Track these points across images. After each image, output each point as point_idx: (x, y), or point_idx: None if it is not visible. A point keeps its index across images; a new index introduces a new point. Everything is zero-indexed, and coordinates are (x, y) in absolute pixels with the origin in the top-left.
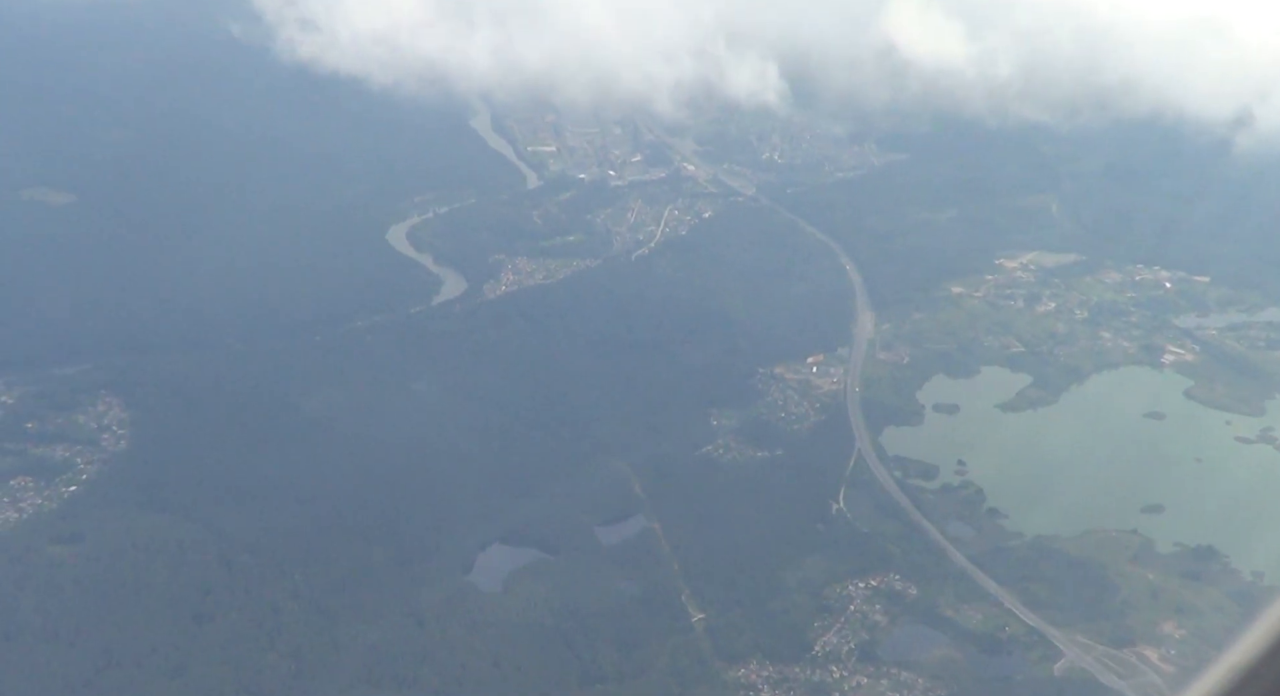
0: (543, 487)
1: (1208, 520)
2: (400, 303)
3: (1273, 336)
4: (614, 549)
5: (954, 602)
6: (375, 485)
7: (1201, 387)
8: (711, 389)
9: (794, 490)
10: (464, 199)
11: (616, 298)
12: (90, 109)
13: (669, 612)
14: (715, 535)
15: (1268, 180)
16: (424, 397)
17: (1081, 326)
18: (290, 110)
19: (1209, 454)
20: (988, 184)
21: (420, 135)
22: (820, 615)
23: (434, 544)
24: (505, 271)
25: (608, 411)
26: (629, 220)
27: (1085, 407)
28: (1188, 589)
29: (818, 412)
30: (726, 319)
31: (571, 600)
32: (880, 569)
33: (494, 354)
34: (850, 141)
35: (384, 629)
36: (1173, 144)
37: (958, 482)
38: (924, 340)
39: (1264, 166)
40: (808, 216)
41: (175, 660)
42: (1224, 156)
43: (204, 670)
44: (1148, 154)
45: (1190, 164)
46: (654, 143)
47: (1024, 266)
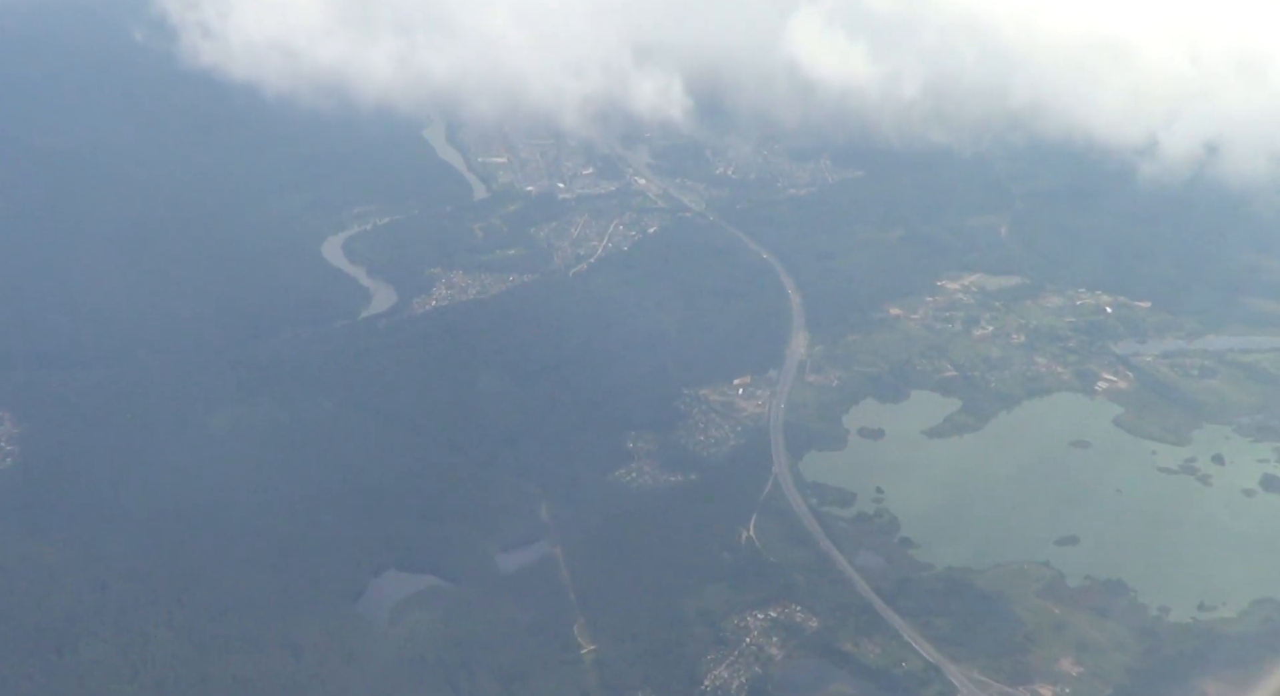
0: (446, 511)
1: (1120, 553)
2: (325, 317)
3: (1207, 364)
4: (512, 576)
5: (854, 636)
6: (270, 509)
7: (1131, 416)
8: (632, 411)
9: (704, 517)
10: (406, 210)
11: (547, 315)
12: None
13: (559, 643)
14: (618, 563)
15: (1214, 207)
16: (333, 416)
17: (1017, 351)
18: (221, 121)
19: (1130, 484)
20: (940, 203)
21: (366, 145)
22: (715, 647)
23: (324, 570)
24: (438, 285)
25: (523, 433)
26: (572, 234)
27: (1012, 435)
28: (1092, 624)
29: (738, 436)
30: (657, 338)
31: (459, 630)
32: (782, 599)
33: (412, 371)
34: (805, 158)
35: (257, 660)
36: (1113, 167)
37: (873, 511)
38: (856, 363)
39: (1209, 193)
40: (754, 233)
41: (26, 693)
42: (1166, 180)
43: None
44: (1093, 176)
45: (1132, 187)
46: (608, 155)
47: (965, 288)
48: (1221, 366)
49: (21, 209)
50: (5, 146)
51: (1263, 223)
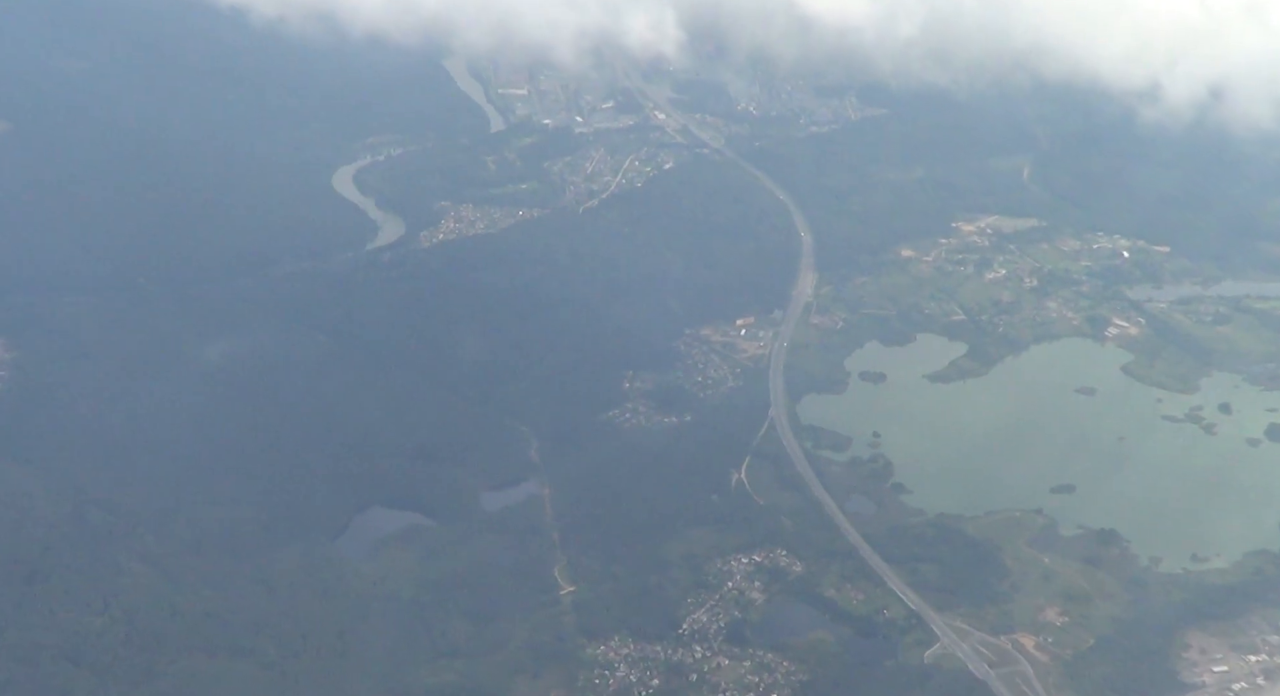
0: (435, 449)
1: (1117, 502)
2: (331, 248)
3: (1222, 311)
4: (497, 515)
5: (837, 582)
6: (256, 443)
7: (1140, 363)
8: (631, 350)
9: (696, 459)
10: (421, 142)
11: (553, 251)
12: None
13: (538, 585)
14: (604, 504)
15: (1236, 151)
16: (327, 350)
17: (1029, 295)
18: (235, 43)
19: (1133, 432)
20: (964, 143)
21: (383, 74)
22: (696, 591)
23: (306, 506)
24: (447, 219)
25: (519, 371)
26: (586, 169)
27: (1016, 381)
28: (1081, 574)
29: (737, 378)
30: (663, 277)
31: (437, 569)
32: (768, 544)
33: (412, 307)
34: (830, 95)
35: (229, 595)
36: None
37: (868, 455)
38: (863, 305)
39: (1230, 137)
40: (770, 171)
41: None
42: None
43: (19, 634)
44: (1113, 120)
45: (1155, 133)
46: (629, 89)
47: (981, 231)
48: (1236, 313)
49: (22, 134)
50: (4, 69)
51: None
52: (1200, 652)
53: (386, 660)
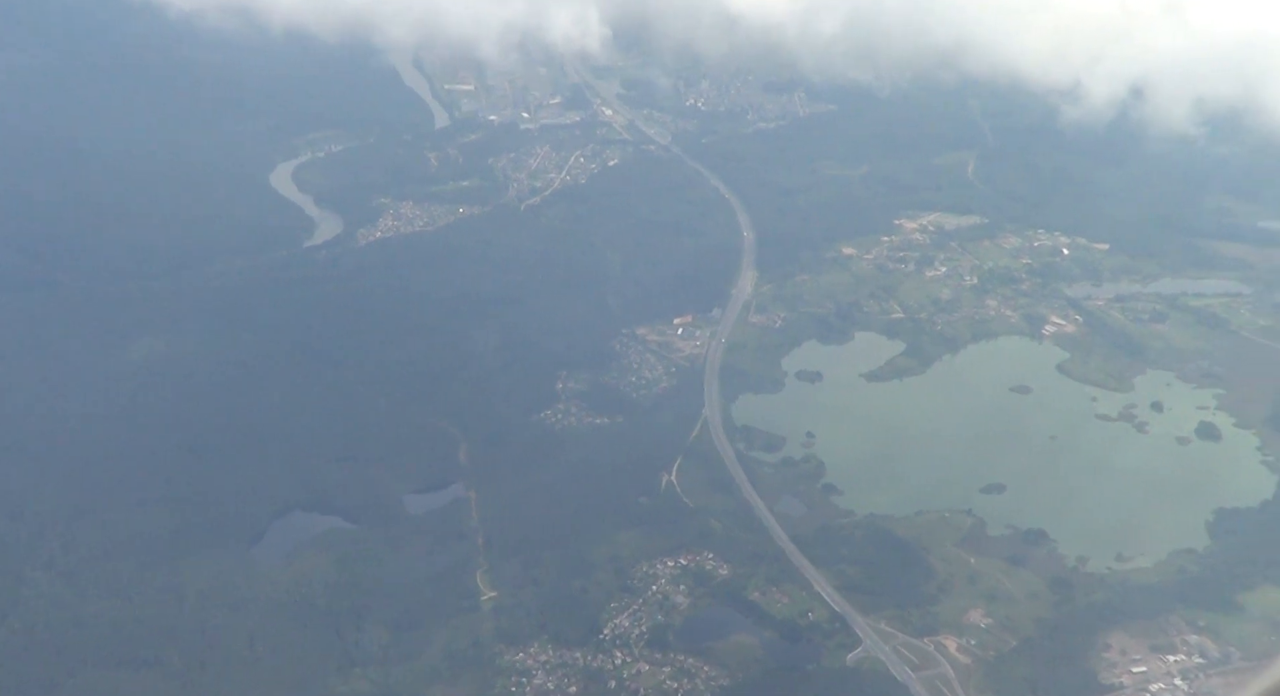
0: (361, 452)
1: (1045, 501)
2: (265, 247)
3: (1158, 308)
4: (420, 519)
5: (763, 585)
6: (174, 446)
7: (1076, 361)
8: (566, 350)
9: (626, 461)
10: (363, 138)
11: (492, 249)
12: None
13: (458, 590)
14: (531, 507)
15: (1176, 149)
16: (255, 350)
17: (968, 293)
18: (155, 38)
19: (1065, 431)
20: (910, 140)
21: (325, 70)
22: (620, 595)
23: (223, 511)
24: (385, 216)
25: (451, 371)
26: (530, 166)
27: (952, 379)
28: (1007, 575)
29: (672, 378)
30: (602, 275)
31: (355, 575)
32: (695, 547)
33: (344, 305)
34: (779, 91)
35: (136, 604)
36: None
37: (801, 456)
38: (802, 303)
39: (1172, 135)
40: (716, 167)
41: None
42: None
43: None
44: (1062, 118)
45: (1100, 128)
46: (578, 85)
47: (923, 228)
48: (1172, 311)
49: None
50: None
51: (1231, 165)
52: (1120, 653)
53: (297, 669)
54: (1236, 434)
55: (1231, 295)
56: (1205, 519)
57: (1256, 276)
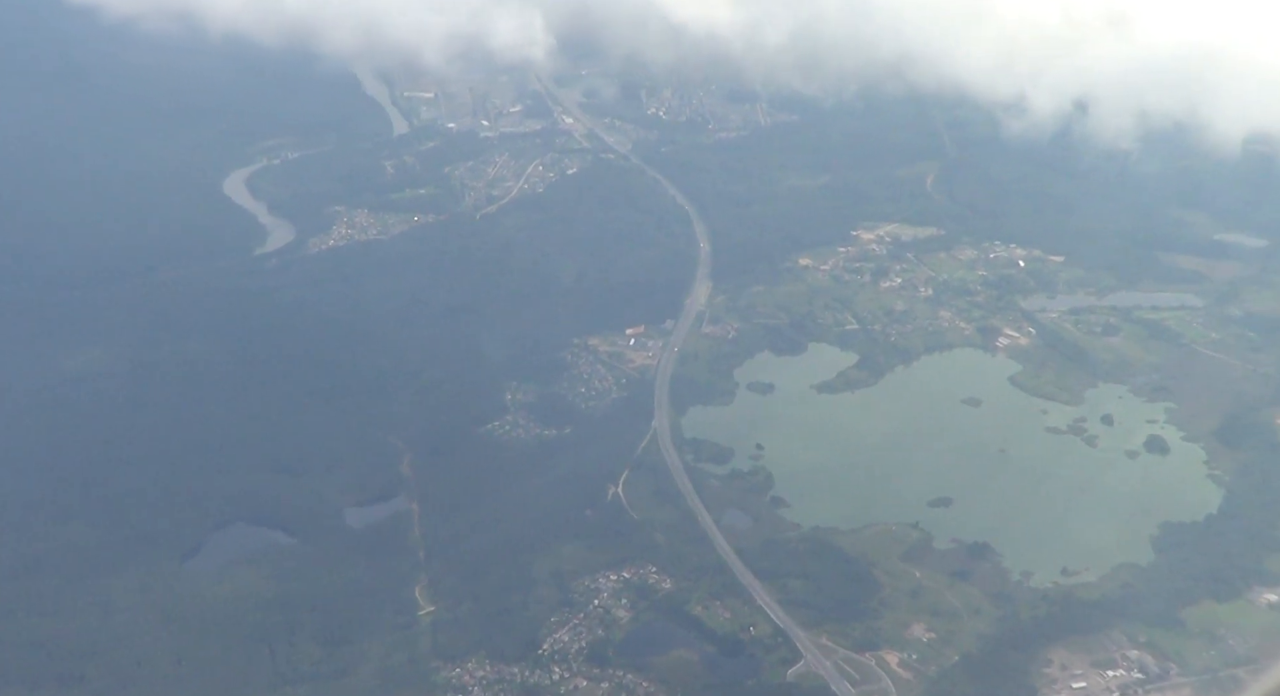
0: (304, 463)
1: (992, 515)
2: (215, 254)
3: (1112, 321)
4: (360, 532)
5: (705, 599)
6: (112, 457)
7: (1027, 374)
8: (516, 360)
9: (573, 473)
10: (319, 145)
11: (445, 258)
12: None
13: (396, 605)
14: (474, 520)
15: (1131, 162)
16: (199, 359)
17: (923, 305)
18: (97, 44)
19: (1015, 444)
20: (871, 151)
21: (281, 76)
22: (560, 610)
23: (157, 524)
24: (339, 224)
25: (399, 381)
26: (488, 174)
27: (904, 391)
28: (950, 589)
29: (622, 389)
30: (554, 285)
31: (291, 589)
32: (639, 560)
33: (292, 314)
34: (741, 100)
35: (61, 620)
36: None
37: (749, 468)
38: (756, 314)
39: (1120, 149)
40: (674, 177)
41: None
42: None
43: None
44: (1007, 131)
45: (1062, 140)
46: (539, 93)
47: (880, 239)
48: (1126, 323)
49: None
50: None
51: (1188, 179)
52: (1061, 669)
53: (225, 686)
54: (1184, 447)
55: (1185, 308)
56: (1150, 533)
57: (1211, 289)
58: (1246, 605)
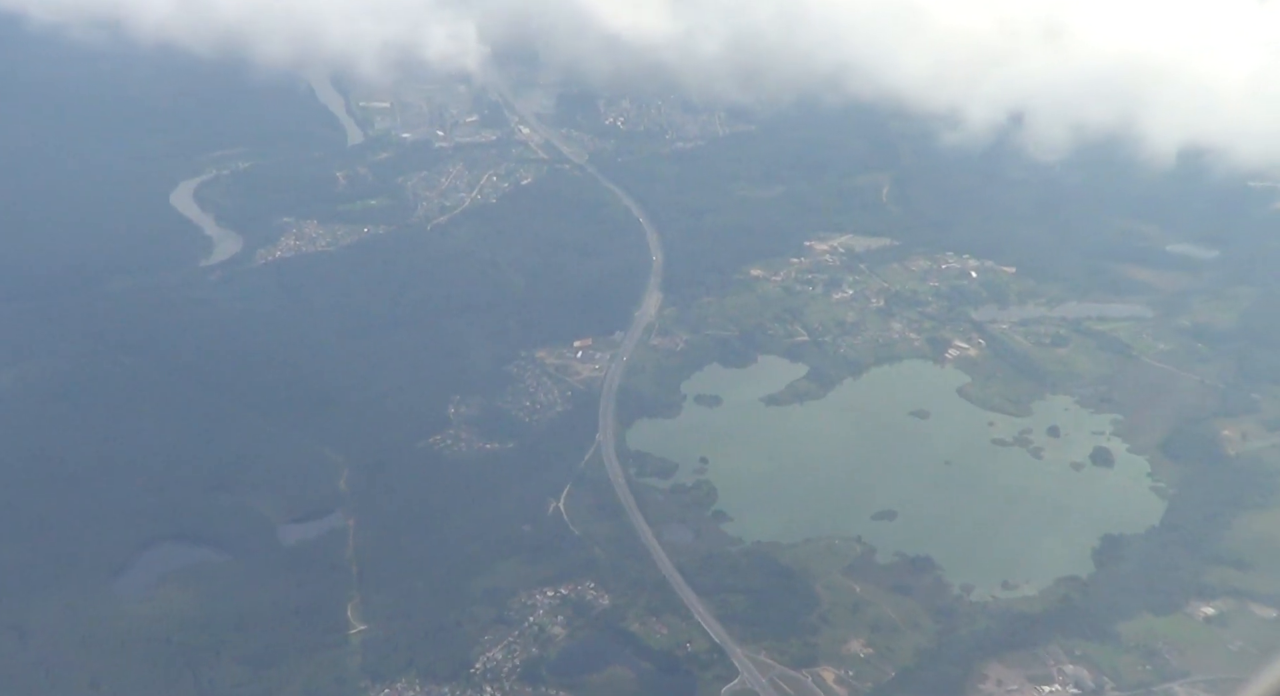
0: (238, 479)
1: (936, 528)
2: (158, 267)
3: (1061, 332)
4: (294, 550)
5: (643, 615)
6: (38, 475)
7: (976, 385)
8: (461, 373)
9: (514, 487)
10: (271, 155)
11: (394, 269)
12: None
13: (327, 624)
14: (411, 536)
15: (1088, 172)
16: (136, 374)
17: (874, 316)
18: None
19: (960, 456)
20: (826, 161)
21: (234, 86)
22: (494, 627)
23: (83, 543)
24: (287, 236)
25: (340, 395)
26: (442, 185)
27: (852, 404)
28: (891, 603)
29: (568, 402)
30: (503, 296)
31: (219, 609)
32: (577, 576)
33: (234, 327)
34: (699, 110)
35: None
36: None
37: (693, 482)
38: (706, 326)
39: (1083, 159)
40: (630, 187)
41: None
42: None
43: None
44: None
45: (1016, 151)
46: (496, 103)
47: (834, 250)
48: (1075, 335)
49: None
50: None
51: (1138, 188)
52: (996, 684)
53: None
54: (1130, 459)
55: (1135, 319)
56: (1092, 546)
57: (1161, 301)
58: (1184, 618)
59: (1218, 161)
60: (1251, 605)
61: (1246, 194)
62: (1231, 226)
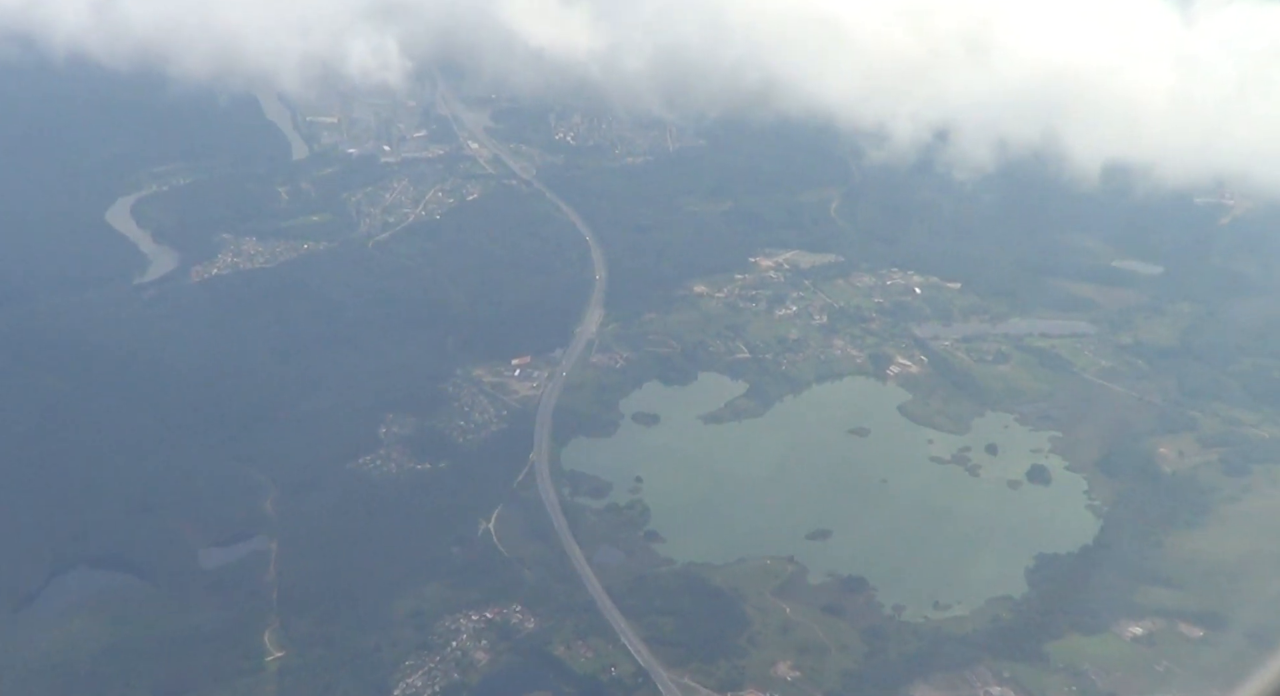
0: (162, 501)
1: (870, 548)
2: (88, 284)
3: (1003, 349)
4: (214, 573)
5: (569, 638)
6: None
7: (917, 402)
8: (396, 391)
9: (444, 508)
10: (211, 171)
11: (331, 286)
12: None
13: (242, 651)
14: (336, 560)
15: (1033, 187)
16: (56, 393)
17: (816, 332)
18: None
19: (898, 475)
20: (776, 176)
21: (174, 102)
22: (416, 653)
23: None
24: (225, 252)
25: (267, 414)
26: (386, 200)
27: (791, 421)
28: (822, 624)
29: (503, 421)
30: (442, 313)
31: (131, 636)
32: (504, 599)
33: (164, 345)
34: (650, 126)
35: None
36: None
37: (626, 502)
38: (647, 343)
39: (1032, 174)
40: (576, 203)
41: None
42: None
43: None
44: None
45: (967, 165)
46: (446, 117)
47: (779, 266)
48: (1017, 351)
49: None
50: None
51: (1086, 203)
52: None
53: None
54: (1067, 477)
55: (1078, 336)
56: (1026, 565)
57: (1103, 317)
58: (1112, 638)
59: (1143, 177)
60: (1180, 625)
61: (1193, 210)
62: (1178, 242)
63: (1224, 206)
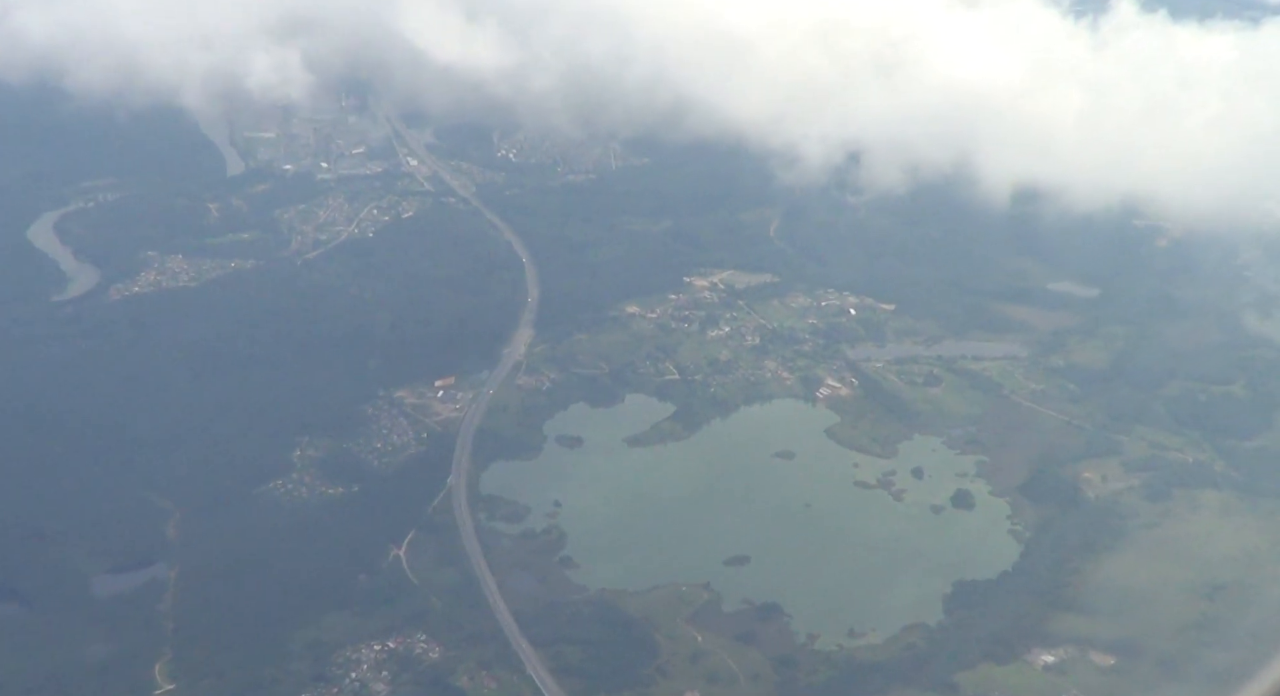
0: (56, 526)
1: (787, 574)
2: (5, 301)
3: (934, 371)
4: (106, 603)
5: (474, 669)
6: None
7: (845, 426)
8: (311, 414)
9: (353, 534)
10: (141, 187)
11: (255, 306)
12: None
13: (130, 684)
14: (237, 588)
15: (976, 209)
16: None
17: (748, 354)
18: None
19: (821, 499)
20: (717, 195)
21: (106, 115)
22: (312, 685)
23: None
24: (148, 270)
25: (176, 437)
26: (319, 218)
27: (717, 445)
28: (733, 653)
29: (421, 444)
30: (367, 333)
31: (12, 669)
32: (409, 628)
33: (74, 365)
34: (594, 143)
35: None
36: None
37: (543, 527)
38: (576, 363)
39: (968, 195)
40: (513, 221)
41: None
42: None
43: None
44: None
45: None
46: (387, 134)
47: (714, 286)
48: (948, 373)
49: None
50: None
51: (1025, 225)
52: None
53: None
54: (990, 502)
55: (1010, 358)
56: (944, 591)
57: (1036, 339)
58: (1024, 667)
59: (1052, 199)
60: (1091, 652)
61: (1130, 233)
62: (1114, 264)
63: (1160, 229)
